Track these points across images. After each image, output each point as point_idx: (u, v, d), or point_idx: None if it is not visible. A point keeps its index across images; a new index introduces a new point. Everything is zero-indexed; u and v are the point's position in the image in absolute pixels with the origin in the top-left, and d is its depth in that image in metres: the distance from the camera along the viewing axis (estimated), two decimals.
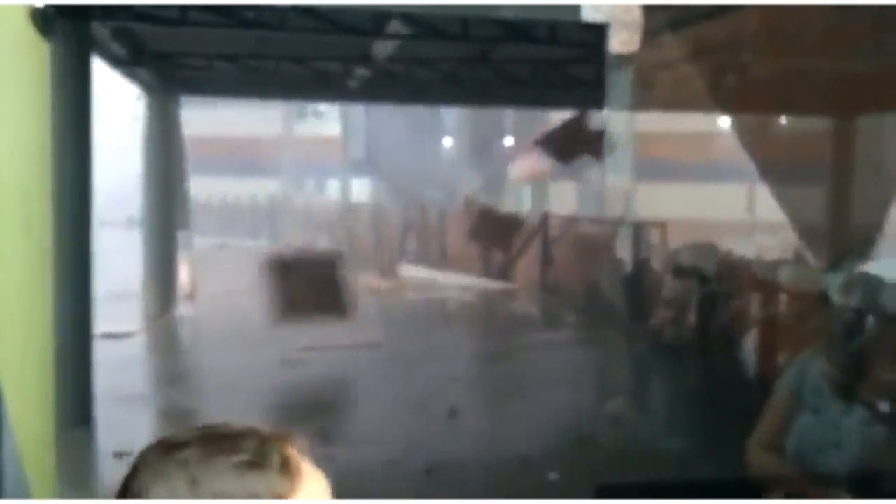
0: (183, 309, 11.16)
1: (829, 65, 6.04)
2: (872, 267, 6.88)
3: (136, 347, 9.07)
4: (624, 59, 5.19)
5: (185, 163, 12.70)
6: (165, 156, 11.43)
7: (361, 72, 9.54)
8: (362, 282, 14.55)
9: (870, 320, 5.55)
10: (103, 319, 6.82)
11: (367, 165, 22.73)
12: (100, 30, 6.96)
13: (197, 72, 10.21)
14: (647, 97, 8.26)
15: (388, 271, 15.56)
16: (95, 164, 5.90)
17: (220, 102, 16.91)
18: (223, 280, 12.46)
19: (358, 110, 21.35)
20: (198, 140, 16.99)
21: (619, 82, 7.10)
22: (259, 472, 0.91)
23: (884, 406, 3.76)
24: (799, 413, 3.27)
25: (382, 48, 8.27)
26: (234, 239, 20.06)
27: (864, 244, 8.54)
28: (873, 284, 5.87)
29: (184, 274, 11.91)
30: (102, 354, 6.32)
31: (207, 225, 19.07)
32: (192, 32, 7.43)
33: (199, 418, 6.67)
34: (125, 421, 6.06)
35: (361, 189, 23.41)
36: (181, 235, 12.14)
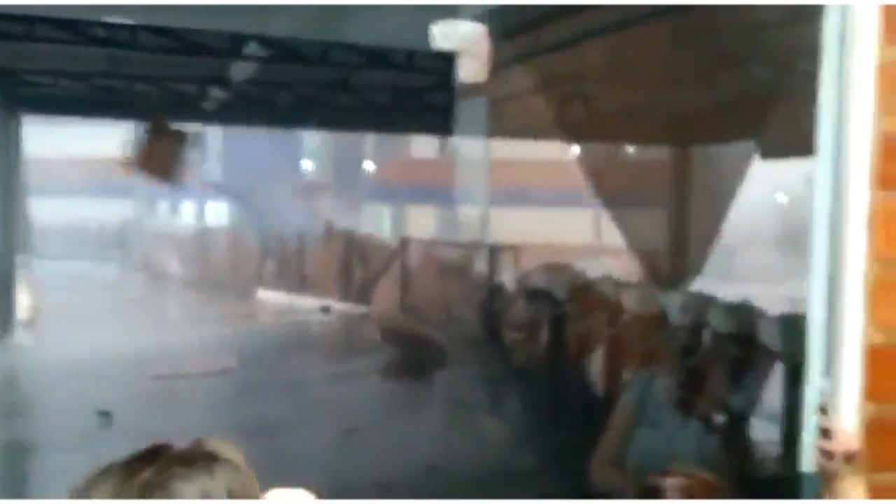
0: (23, 336, 10.55)
1: (667, 98, 6.41)
2: (706, 288, 7.31)
3: None
4: (475, 88, 5.34)
5: (26, 184, 12.07)
6: (4, 176, 10.82)
7: (217, 94, 9.36)
8: (217, 307, 14.17)
9: (705, 338, 5.90)
10: None
11: (224, 189, 22.23)
12: None
13: (42, 89, 9.74)
14: (500, 125, 8.51)
15: (244, 296, 15.23)
16: None
17: (67, 122, 16.16)
18: (68, 305, 11.82)
19: (214, 133, 20.88)
20: (43, 161, 16.16)
21: (474, 110, 7.29)
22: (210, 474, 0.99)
23: (718, 418, 4.00)
24: (639, 428, 3.43)
25: (240, 70, 8.16)
26: (81, 262, 19.14)
27: (698, 266, 9.07)
28: (706, 305, 6.25)
29: (23, 299, 11.26)
30: None
31: (52, 248, 18.14)
32: (37, 48, 7.09)
33: (36, 453, 6.32)
34: None
35: (217, 213, 22.85)
36: (21, 259, 11.49)
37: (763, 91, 5.70)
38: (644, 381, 3.64)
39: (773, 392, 5.05)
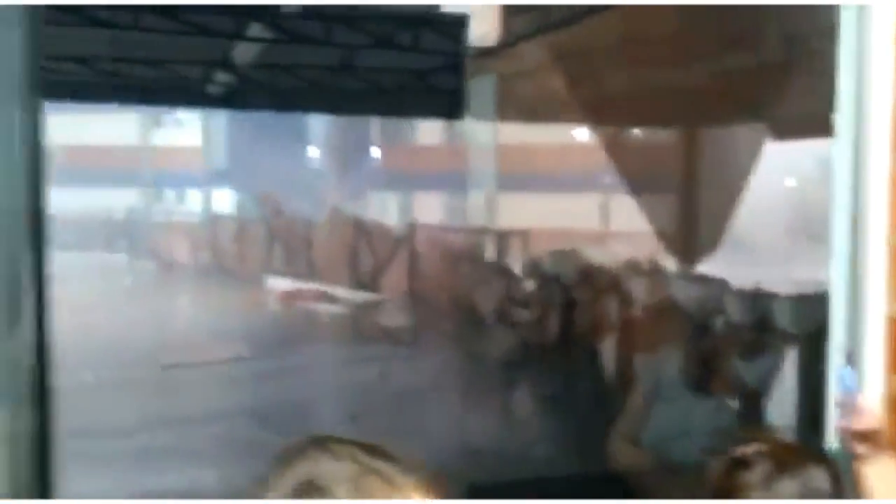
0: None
1: (677, 78, 6.35)
2: (718, 271, 7.28)
3: None
4: (483, 68, 5.31)
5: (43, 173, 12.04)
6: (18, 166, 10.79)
7: (222, 77, 9.30)
8: (226, 295, 14.17)
9: (718, 321, 5.89)
10: None
11: (229, 175, 22.21)
12: None
13: (44, 74, 9.68)
14: (508, 108, 8.45)
15: (253, 284, 15.23)
16: None
17: (70, 109, 16.14)
18: (80, 293, 11.85)
19: (219, 118, 20.86)
20: (54, 149, 16.09)
21: (482, 92, 7.24)
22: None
23: (732, 400, 4.00)
24: (655, 407, 3.45)
25: (244, 53, 8.10)
26: (90, 252, 19.16)
27: (709, 250, 9.02)
28: (718, 288, 6.23)
29: None
30: None
31: (60, 237, 18.13)
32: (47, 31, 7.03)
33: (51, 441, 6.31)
34: None
35: (224, 200, 22.85)
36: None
37: (776, 69, 5.65)
38: (659, 361, 3.68)
39: (792, 373, 5.05)
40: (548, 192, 18.16)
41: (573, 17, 4.86)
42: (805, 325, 4.89)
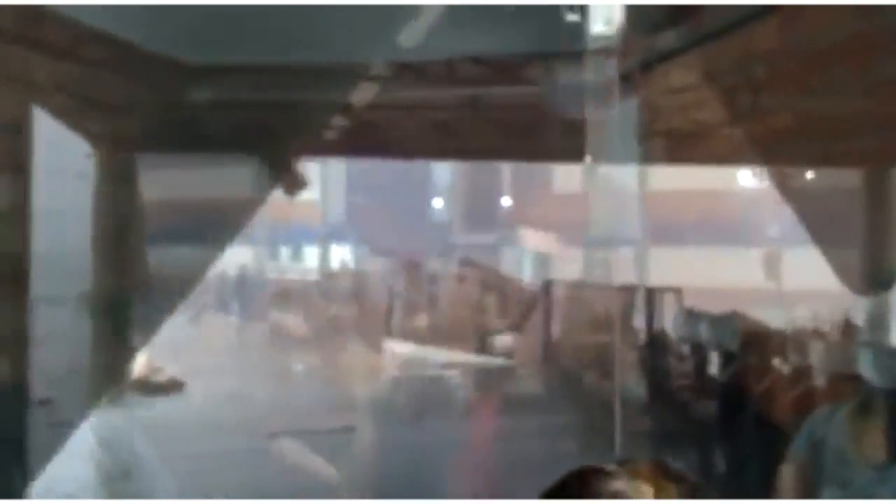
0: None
1: (867, 106, 6.00)
2: None
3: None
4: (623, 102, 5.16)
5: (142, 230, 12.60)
6: (118, 221, 11.32)
7: (339, 122, 9.51)
8: (342, 359, 14.36)
9: None
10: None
11: (347, 229, 22.71)
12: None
13: (152, 124, 10.16)
14: (655, 147, 8.23)
15: (372, 346, 15.38)
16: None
17: (182, 160, 16.93)
18: (189, 360, 12.23)
19: (337, 167, 21.42)
20: (157, 203, 16.91)
21: (627, 130, 7.06)
22: None
23: None
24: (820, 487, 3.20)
25: (362, 95, 8.25)
26: (202, 313, 19.88)
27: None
28: None
29: (141, 356, 11.75)
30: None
31: (167, 297, 18.86)
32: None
33: None
34: None
35: (342, 256, 23.35)
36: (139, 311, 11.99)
37: None
38: (819, 426, 3.45)
39: None
40: (704, 244, 17.68)
41: (732, 25, 4.60)
42: None
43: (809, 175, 9.05)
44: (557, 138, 8.03)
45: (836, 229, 8.38)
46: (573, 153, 10.08)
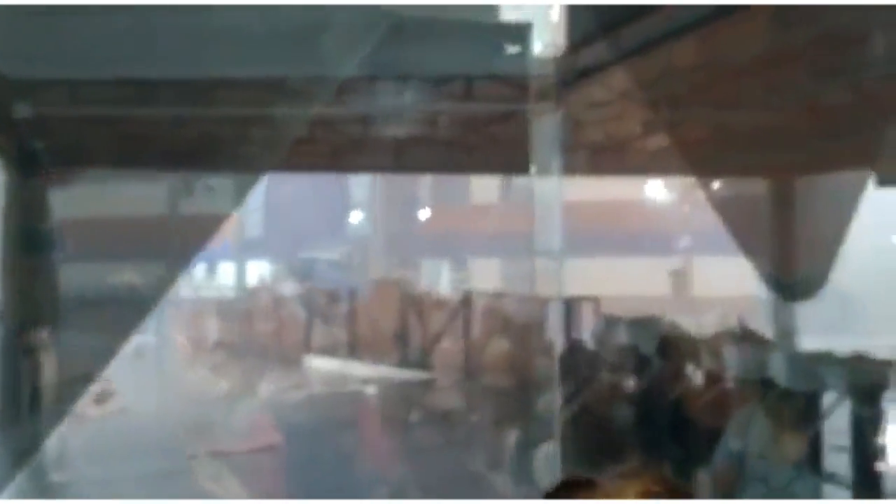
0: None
1: (765, 119, 6.22)
2: (817, 343, 7.03)
3: None
4: (544, 113, 5.26)
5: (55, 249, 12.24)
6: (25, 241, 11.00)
7: (258, 135, 9.42)
8: (261, 377, 14.18)
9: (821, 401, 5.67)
10: None
11: (265, 245, 22.46)
12: None
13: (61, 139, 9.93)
14: (574, 160, 8.36)
15: (291, 364, 15.22)
16: None
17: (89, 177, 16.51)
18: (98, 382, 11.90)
19: (252, 183, 21.13)
20: (70, 222, 16.45)
21: (546, 142, 7.17)
22: None
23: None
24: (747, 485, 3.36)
25: (280, 111, 8.20)
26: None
27: (806, 317, 8.74)
28: (819, 363, 6.00)
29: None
30: None
31: (78, 320, 18.37)
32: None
33: None
34: None
35: (258, 272, 23.04)
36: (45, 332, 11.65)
37: (881, 107, 5.49)
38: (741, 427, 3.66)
39: None
40: (620, 254, 17.99)
41: (647, 45, 4.77)
42: None
43: (718, 185, 9.30)
44: (496, 152, 8.15)
45: (751, 237, 8.65)
46: (495, 165, 10.20)
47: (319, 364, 15.00)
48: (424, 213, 19.99)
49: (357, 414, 11.94)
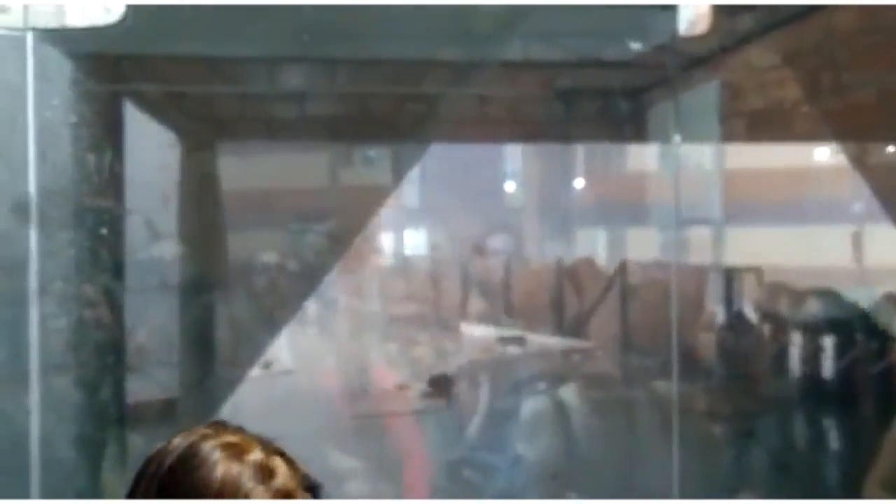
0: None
1: None
2: None
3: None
4: (701, 82, 5.16)
5: (222, 219, 12.86)
6: (200, 212, 11.61)
7: (412, 108, 9.64)
8: (424, 343, 14.51)
9: None
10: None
11: (423, 215, 22.83)
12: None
13: (231, 113, 10.45)
14: (732, 127, 8.17)
15: (450, 330, 15.51)
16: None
17: (255, 149, 17.22)
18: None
19: (410, 152, 21.53)
20: (233, 193, 17.22)
21: (703, 109, 7.03)
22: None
23: None
24: None
25: (437, 82, 8.35)
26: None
27: None
28: None
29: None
30: None
31: (248, 287, 19.21)
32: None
33: None
34: None
35: (416, 242, 23.47)
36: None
37: None
38: None
39: None
40: (783, 223, 17.37)
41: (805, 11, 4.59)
42: None
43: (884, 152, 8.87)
44: (638, 120, 8.04)
45: None
46: (641, 133, 10.08)
47: (477, 332, 15.22)
48: (579, 183, 19.85)
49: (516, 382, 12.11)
